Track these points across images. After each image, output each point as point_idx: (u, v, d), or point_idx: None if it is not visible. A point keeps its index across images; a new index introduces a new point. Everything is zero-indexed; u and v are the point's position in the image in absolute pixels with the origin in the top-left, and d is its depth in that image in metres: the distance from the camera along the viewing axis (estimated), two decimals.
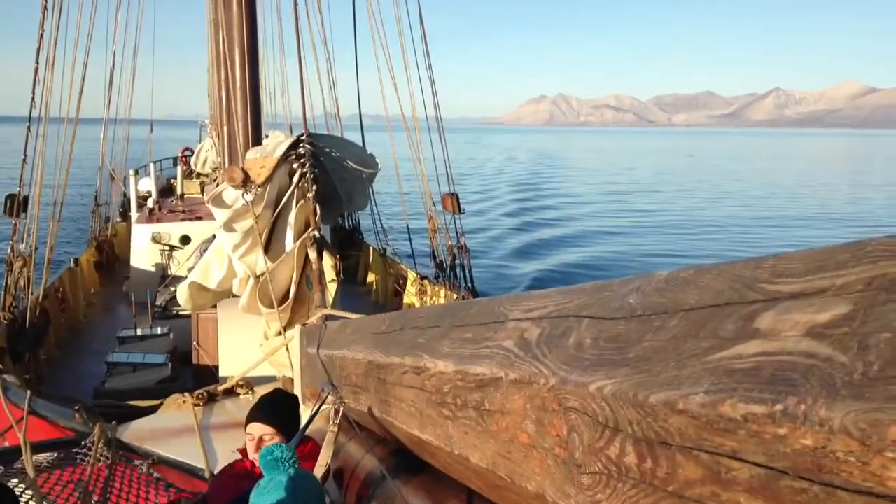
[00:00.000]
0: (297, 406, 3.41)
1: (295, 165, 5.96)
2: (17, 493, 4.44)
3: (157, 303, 10.33)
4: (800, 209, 42.72)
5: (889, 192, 54.78)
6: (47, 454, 5.03)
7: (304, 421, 3.64)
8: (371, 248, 14.51)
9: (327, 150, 6.20)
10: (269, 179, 5.79)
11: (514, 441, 1.34)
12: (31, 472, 4.44)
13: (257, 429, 3.23)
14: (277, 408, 3.31)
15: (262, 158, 5.90)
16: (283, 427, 3.19)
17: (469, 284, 10.66)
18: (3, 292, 9.03)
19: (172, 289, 9.97)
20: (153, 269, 12.21)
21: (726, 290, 0.93)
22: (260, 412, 3.27)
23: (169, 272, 11.70)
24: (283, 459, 2.41)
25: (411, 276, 12.20)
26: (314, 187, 5.89)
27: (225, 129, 8.05)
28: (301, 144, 5.97)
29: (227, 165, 7.04)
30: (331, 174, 6.21)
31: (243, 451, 3.40)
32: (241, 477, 3.27)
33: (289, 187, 5.99)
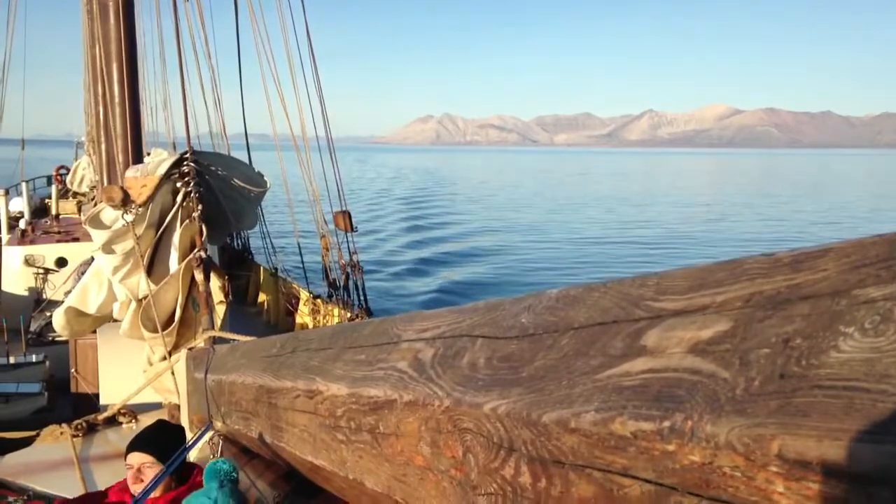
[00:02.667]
0: (181, 436, 3.27)
1: (179, 184, 5.76)
2: None
3: (32, 329, 9.74)
4: (683, 225, 44.84)
5: (754, 208, 58.30)
6: None
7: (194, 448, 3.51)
8: (262, 268, 14.20)
9: (213, 168, 6.03)
10: (150, 199, 5.57)
11: (409, 464, 1.33)
12: None
13: (136, 458, 3.10)
14: (158, 436, 3.18)
15: (143, 177, 5.66)
16: (164, 455, 3.06)
17: (363, 303, 10.60)
18: None
19: (48, 314, 9.43)
20: (26, 293, 11.51)
21: (614, 307, 0.95)
22: (139, 441, 3.14)
23: (44, 296, 11.05)
24: (225, 473, 2.32)
25: (304, 295, 12.01)
26: (199, 207, 5.70)
27: (103, 146, 7.72)
28: (185, 163, 5.77)
29: (105, 184, 6.73)
30: (217, 193, 6.03)
31: (121, 483, 3.24)
32: None
33: (172, 207, 5.78)
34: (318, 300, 11.41)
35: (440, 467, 1.21)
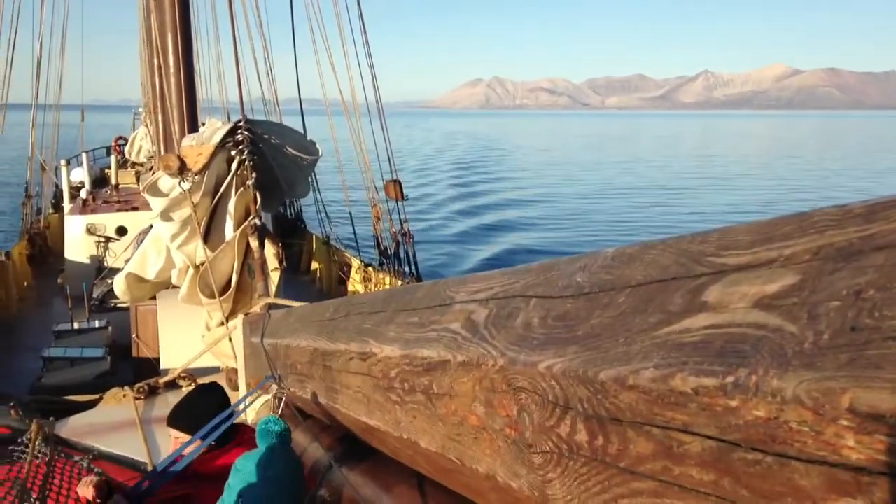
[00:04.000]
0: (216, 401, 3.28)
1: (233, 153, 5.83)
2: None
3: (94, 295, 10.04)
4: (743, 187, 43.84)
5: (820, 171, 56.62)
6: None
7: (250, 409, 3.59)
8: (314, 236, 14.36)
9: (266, 136, 6.08)
10: (206, 167, 5.65)
11: (463, 423, 1.33)
12: None
13: (172, 433, 3.17)
14: (185, 411, 3.22)
15: (198, 146, 5.75)
16: (196, 426, 3.10)
17: (413, 271, 10.65)
18: None
19: (109, 281, 9.71)
20: (88, 261, 11.86)
21: (673, 264, 0.93)
22: (171, 417, 3.21)
23: (105, 264, 11.38)
24: (277, 434, 2.37)
25: (355, 263, 12.12)
26: (254, 175, 5.77)
27: (159, 116, 7.86)
28: (239, 131, 5.83)
29: (162, 153, 6.85)
30: (270, 161, 6.09)
31: None
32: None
33: (227, 175, 5.86)
34: (370, 268, 11.52)
35: (494, 426, 1.21)
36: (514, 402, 1.13)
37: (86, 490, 2.85)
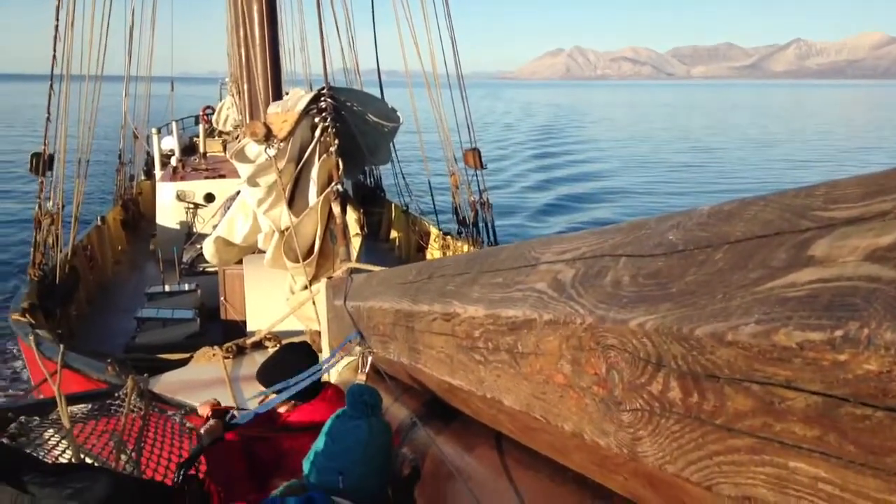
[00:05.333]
0: (302, 358, 3.39)
1: (316, 120, 5.93)
2: (54, 443, 4.54)
3: (184, 260, 10.42)
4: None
5: None
6: (82, 406, 5.13)
7: (333, 371, 3.68)
8: (393, 205, 14.49)
9: (348, 103, 6.16)
10: (291, 134, 5.77)
11: (549, 382, 1.33)
12: (66, 423, 4.53)
13: (261, 386, 3.29)
14: (273, 367, 3.34)
15: (283, 113, 5.87)
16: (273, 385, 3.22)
17: (492, 240, 10.63)
18: (32, 250, 9.16)
19: (198, 246, 10.06)
20: (178, 226, 12.30)
21: (776, 219, 0.90)
22: (258, 373, 3.34)
23: (194, 230, 11.78)
24: (369, 405, 2.42)
25: (434, 231, 12.19)
26: (336, 141, 5.86)
27: (245, 86, 8.03)
28: (322, 98, 5.92)
29: (248, 121, 7.02)
30: (352, 128, 6.17)
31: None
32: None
33: (311, 142, 5.97)
34: (448, 237, 11.57)
35: (581, 384, 1.20)
36: (603, 360, 1.12)
37: (203, 409, 3.26)
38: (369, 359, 3.04)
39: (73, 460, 4.14)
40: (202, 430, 3.07)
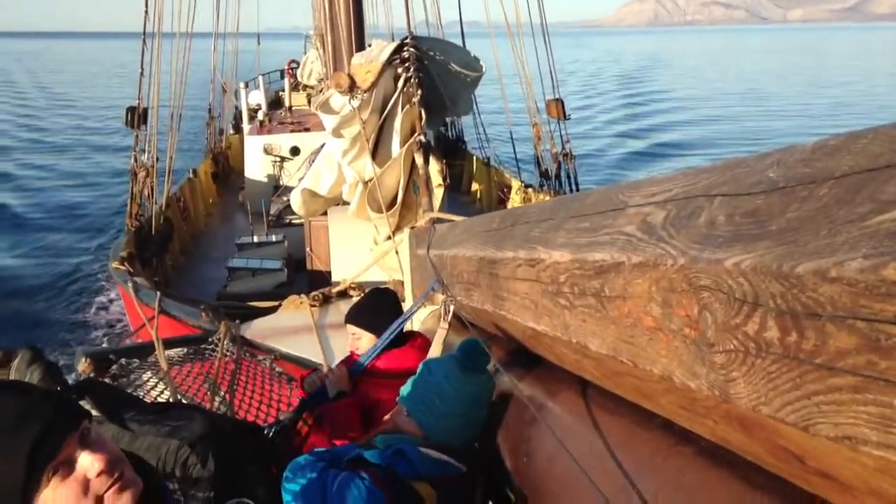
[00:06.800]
0: (390, 304, 3.45)
1: (399, 70, 5.93)
2: (152, 385, 4.79)
3: (271, 212, 10.70)
4: None
5: None
6: (177, 349, 5.38)
7: (416, 319, 3.73)
8: (474, 157, 14.45)
9: (431, 53, 6.13)
10: (374, 84, 5.79)
11: (637, 325, 1.31)
12: (164, 366, 4.76)
13: (349, 329, 3.34)
14: (365, 310, 3.38)
15: (367, 63, 5.89)
16: (373, 327, 3.26)
17: (574, 192, 10.49)
18: (129, 201, 9.58)
19: (284, 198, 10.30)
20: (265, 179, 12.61)
21: (886, 152, 0.85)
22: (348, 314, 3.38)
23: (280, 182, 12.05)
24: (479, 354, 2.44)
25: (515, 184, 12.12)
26: (419, 92, 5.85)
27: (329, 37, 8.09)
28: (405, 48, 5.91)
29: (332, 73, 7.08)
30: (435, 78, 6.15)
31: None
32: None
33: (394, 92, 5.98)
34: (530, 189, 11.48)
35: (671, 327, 1.18)
36: (695, 302, 1.09)
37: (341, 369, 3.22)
38: (451, 307, 3.06)
39: (169, 401, 4.35)
40: (328, 381, 3.10)
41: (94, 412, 2.15)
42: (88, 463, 1.41)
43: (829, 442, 0.85)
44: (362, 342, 3.26)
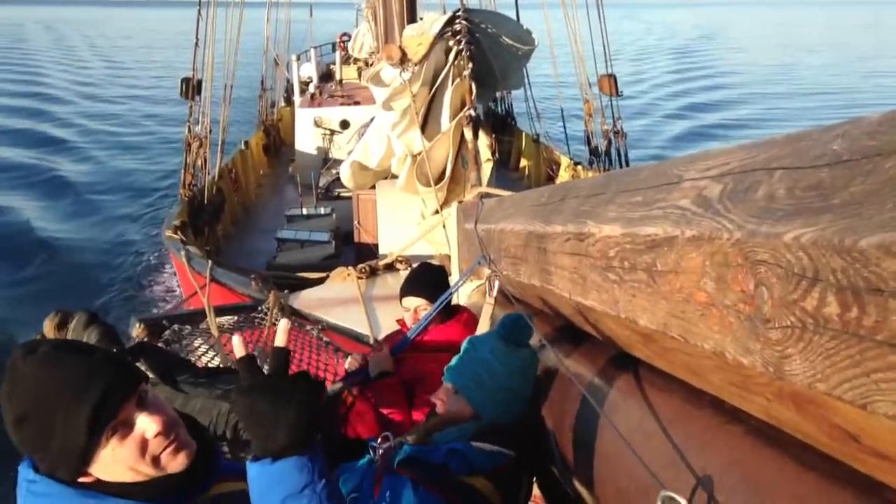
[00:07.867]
0: (445, 276, 3.47)
1: (451, 43, 5.90)
2: (203, 351, 4.90)
3: (320, 184, 10.80)
4: None
5: None
6: (228, 317, 5.49)
7: (461, 293, 3.74)
8: (524, 134, 14.34)
9: (483, 26, 6.08)
10: (425, 57, 5.78)
11: (689, 300, 1.29)
12: (214, 332, 4.87)
13: (412, 302, 3.33)
14: (427, 280, 3.39)
15: (418, 36, 5.87)
16: (435, 296, 3.26)
17: None
18: (182, 171, 9.76)
19: (333, 171, 10.38)
20: (315, 152, 12.70)
21: None
22: (411, 286, 3.37)
23: (330, 155, 12.14)
24: (522, 328, 2.43)
25: (564, 161, 12.00)
26: (470, 65, 5.82)
27: (381, 10, 8.07)
28: (457, 21, 5.87)
29: (383, 45, 7.07)
30: (486, 51, 6.10)
31: (402, 322, 3.52)
32: None
33: (445, 66, 5.96)
34: (579, 167, 11.36)
35: (725, 302, 1.16)
36: (751, 277, 1.07)
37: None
38: (496, 283, 3.05)
39: (220, 366, 4.44)
40: (371, 362, 3.07)
41: (149, 374, 2.21)
42: (146, 424, 1.45)
43: (887, 420, 0.82)
44: (424, 314, 3.26)
